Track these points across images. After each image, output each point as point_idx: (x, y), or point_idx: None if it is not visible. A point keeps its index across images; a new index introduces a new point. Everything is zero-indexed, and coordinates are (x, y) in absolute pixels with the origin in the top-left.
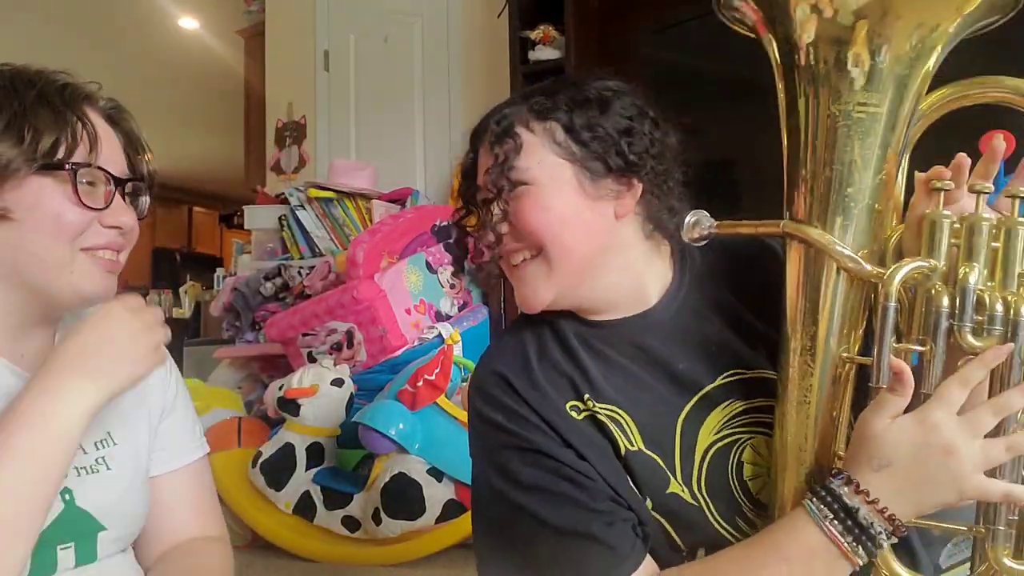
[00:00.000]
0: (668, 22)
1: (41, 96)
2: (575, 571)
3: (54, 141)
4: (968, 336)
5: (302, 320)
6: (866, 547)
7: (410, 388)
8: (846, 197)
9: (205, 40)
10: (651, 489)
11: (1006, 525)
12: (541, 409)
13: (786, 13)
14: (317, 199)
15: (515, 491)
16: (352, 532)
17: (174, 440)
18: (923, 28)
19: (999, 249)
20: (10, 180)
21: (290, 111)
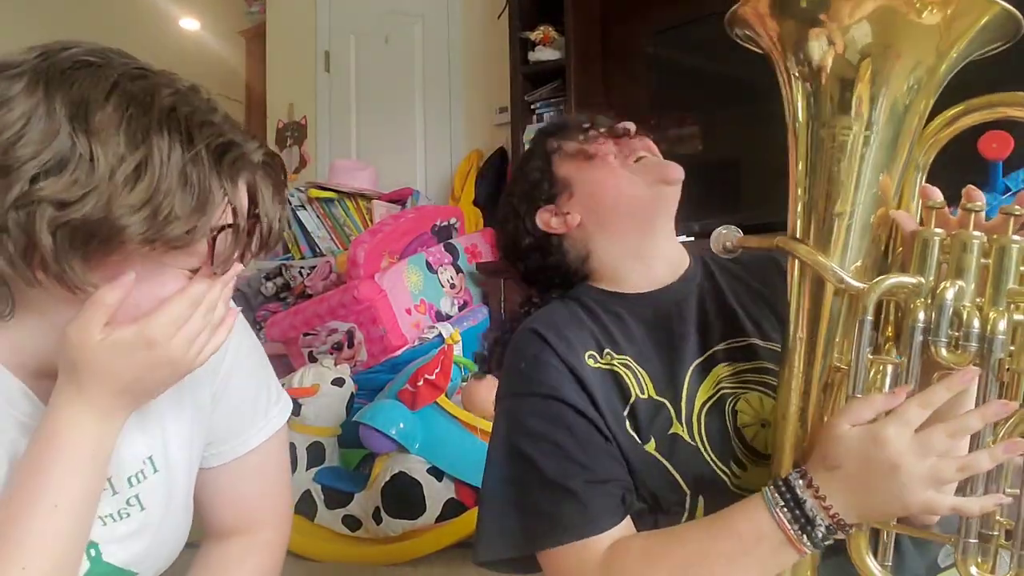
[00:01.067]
0: (668, 23)
1: (196, 160)
2: (550, 521)
3: (189, 230)
4: (942, 351)
5: (303, 320)
6: (811, 536)
7: (410, 388)
8: (837, 215)
9: (206, 41)
10: (656, 430)
11: (977, 538)
12: (565, 355)
13: (797, 45)
14: (318, 199)
15: (520, 436)
16: (353, 531)
17: (228, 429)
18: (922, 64)
19: (990, 266)
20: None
21: (291, 111)
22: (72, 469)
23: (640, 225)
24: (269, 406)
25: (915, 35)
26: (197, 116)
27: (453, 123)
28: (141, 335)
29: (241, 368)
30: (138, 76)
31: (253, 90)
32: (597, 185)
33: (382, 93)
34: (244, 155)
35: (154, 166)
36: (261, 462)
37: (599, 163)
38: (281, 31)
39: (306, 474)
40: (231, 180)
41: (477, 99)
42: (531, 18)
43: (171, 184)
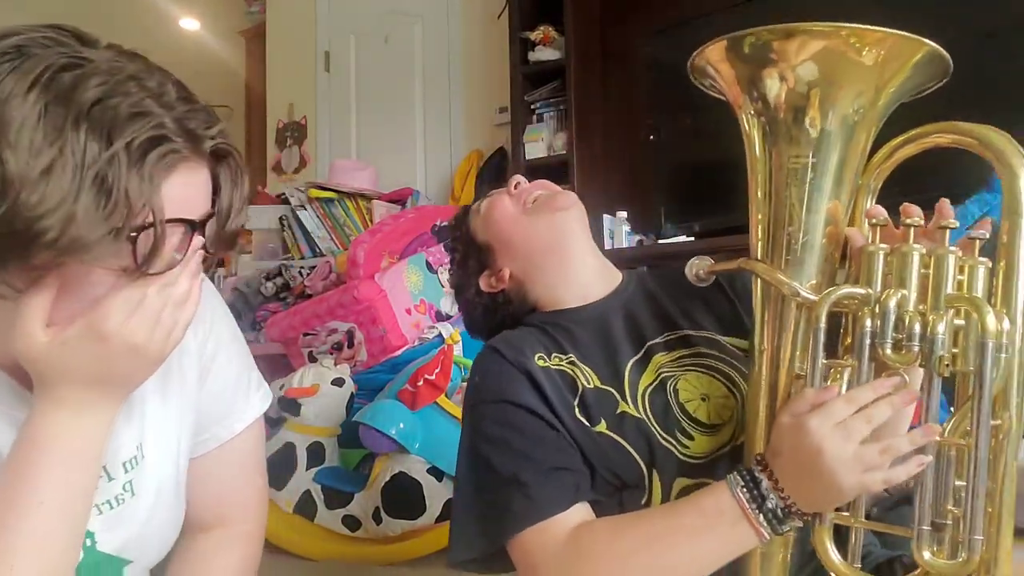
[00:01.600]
0: (668, 23)
1: (112, 161)
2: (504, 514)
3: (108, 233)
4: (888, 351)
5: (303, 320)
6: (766, 516)
7: (410, 388)
8: (791, 236)
9: (206, 40)
10: (605, 412)
11: (929, 525)
12: (515, 359)
13: (749, 85)
14: (318, 199)
15: (479, 440)
16: (353, 531)
17: (207, 418)
18: (861, 98)
19: (930, 275)
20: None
21: (291, 111)
22: (54, 465)
23: (555, 257)
24: (250, 392)
25: (854, 74)
26: (125, 109)
27: (453, 123)
28: (90, 328)
29: (223, 352)
30: (70, 67)
31: (253, 90)
32: (507, 237)
33: (382, 93)
34: (175, 150)
35: (64, 167)
36: (240, 452)
37: (501, 218)
38: (281, 31)
39: (306, 474)
40: (151, 180)
41: (477, 99)
42: (531, 18)
43: (81, 186)
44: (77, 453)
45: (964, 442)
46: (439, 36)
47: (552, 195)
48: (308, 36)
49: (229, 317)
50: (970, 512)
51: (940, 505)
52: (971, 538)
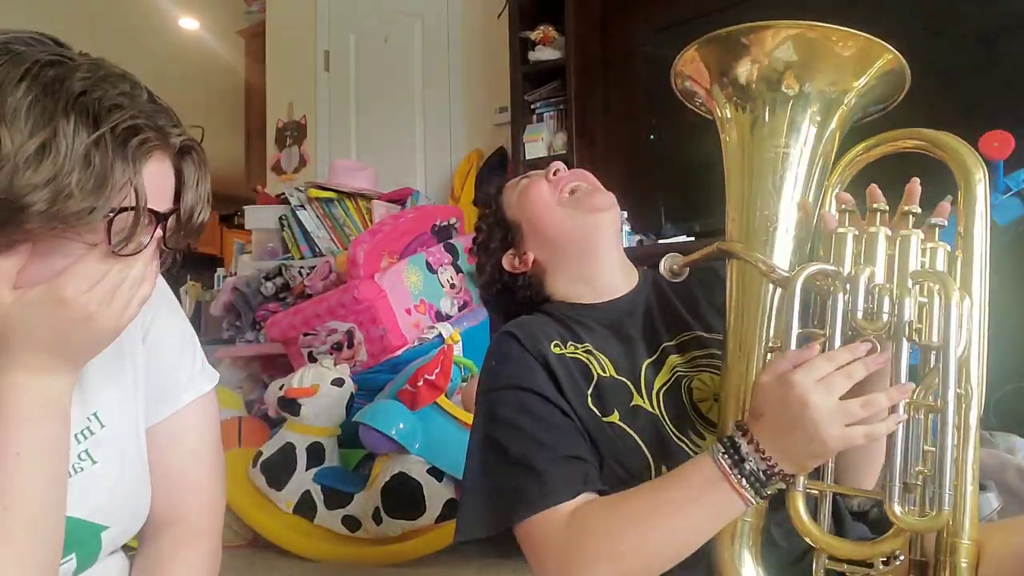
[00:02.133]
0: (668, 23)
1: (99, 143)
2: (515, 497)
3: (87, 209)
4: (860, 318)
5: (303, 320)
6: (748, 480)
7: (410, 388)
8: (764, 219)
9: (205, 40)
10: (619, 403)
11: (901, 483)
12: (531, 346)
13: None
14: (317, 199)
15: (491, 425)
16: (353, 531)
17: (150, 390)
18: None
19: (895, 255)
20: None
21: (290, 111)
22: (24, 418)
23: (582, 253)
24: (192, 373)
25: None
26: (107, 101)
27: (453, 123)
28: (50, 293)
29: (161, 324)
30: (55, 63)
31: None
32: (538, 223)
33: (382, 93)
34: (153, 139)
35: (58, 147)
36: (183, 431)
37: (536, 202)
38: (281, 31)
39: (306, 474)
40: (134, 162)
41: (477, 99)
42: (531, 18)
43: (73, 164)
44: (44, 406)
45: (933, 403)
46: (439, 36)
47: (591, 192)
48: (308, 36)
49: (168, 294)
50: (938, 470)
51: (910, 467)
52: (941, 492)
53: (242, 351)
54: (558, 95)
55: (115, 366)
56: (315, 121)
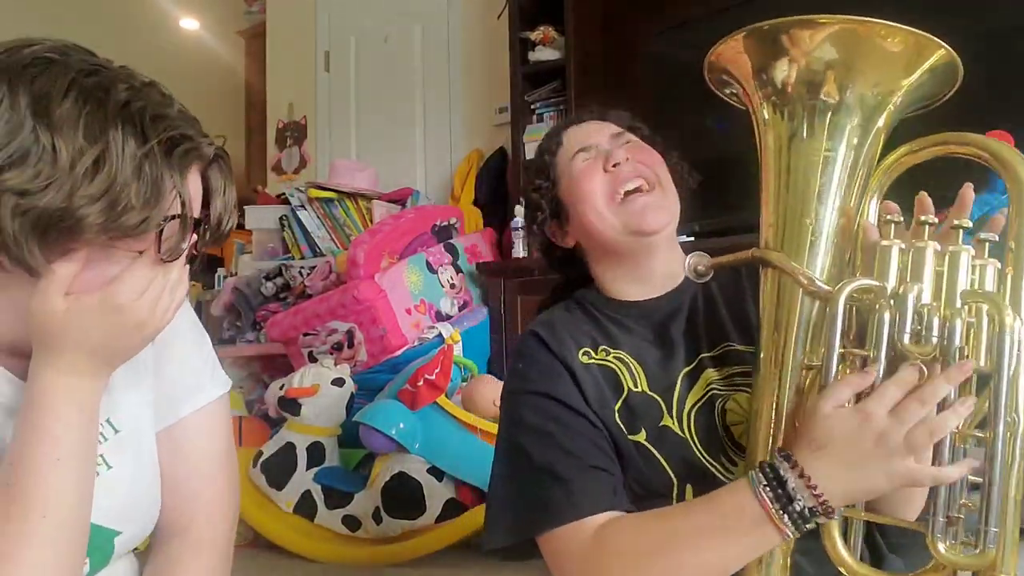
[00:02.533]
0: (669, 22)
1: (149, 154)
2: (541, 506)
3: (143, 220)
4: (907, 342)
5: (303, 320)
6: (791, 516)
7: (410, 388)
8: (806, 227)
9: (205, 40)
10: (647, 422)
11: (945, 518)
12: (558, 351)
13: (761, 70)
14: (318, 199)
15: (516, 430)
16: (353, 531)
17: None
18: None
19: (944, 273)
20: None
21: (291, 111)
22: (64, 425)
23: (627, 260)
24: (201, 377)
25: (871, 66)
26: (150, 110)
27: (453, 123)
28: (106, 300)
29: (175, 330)
30: (93, 72)
31: (253, 90)
32: (585, 221)
33: (382, 93)
34: (194, 148)
35: (111, 159)
36: (195, 439)
37: (586, 199)
38: (281, 31)
39: (306, 474)
40: (180, 172)
41: (477, 99)
42: (531, 18)
43: (127, 176)
44: (80, 411)
45: (983, 434)
46: (439, 36)
47: (645, 209)
48: (308, 36)
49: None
50: (986, 505)
51: (955, 499)
52: (988, 530)
53: (242, 351)
54: (558, 95)
55: (129, 370)
56: (315, 121)
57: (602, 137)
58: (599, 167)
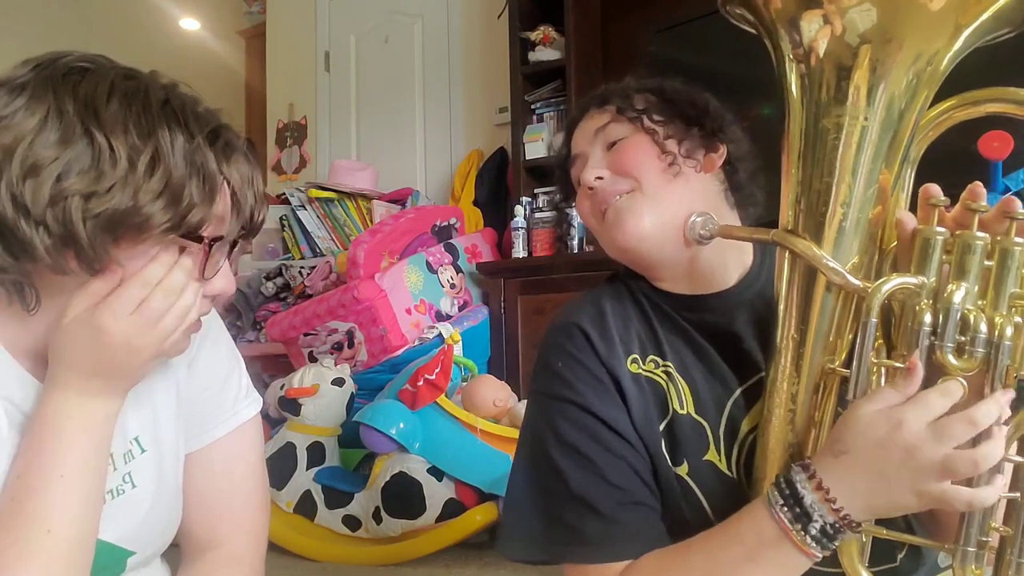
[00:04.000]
0: (669, 23)
1: (198, 149)
2: (575, 537)
3: (203, 217)
4: (949, 356)
5: (303, 320)
6: (814, 537)
7: (410, 387)
8: (837, 210)
9: (206, 40)
10: (690, 452)
11: (976, 546)
12: (606, 358)
13: (791, 26)
14: (318, 199)
15: (551, 441)
16: (353, 531)
17: (193, 416)
18: (923, 57)
19: (992, 268)
20: (139, 238)
21: (291, 111)
22: (66, 444)
23: (643, 267)
24: (237, 399)
25: (923, 16)
26: (188, 108)
27: (453, 123)
28: (89, 320)
29: (208, 352)
30: (129, 76)
31: (253, 90)
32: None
33: (382, 93)
34: (233, 139)
35: (165, 155)
36: (228, 458)
37: (585, 220)
38: (281, 31)
39: (306, 474)
40: (227, 163)
41: (477, 99)
42: (531, 18)
43: (182, 171)
44: (88, 431)
45: (1020, 459)
46: (439, 36)
47: (616, 217)
48: (308, 36)
49: (218, 322)
50: (1020, 533)
51: (986, 522)
52: (1019, 561)
53: (243, 351)
54: (558, 95)
55: (157, 390)
56: (315, 121)
57: (585, 142)
58: (584, 193)
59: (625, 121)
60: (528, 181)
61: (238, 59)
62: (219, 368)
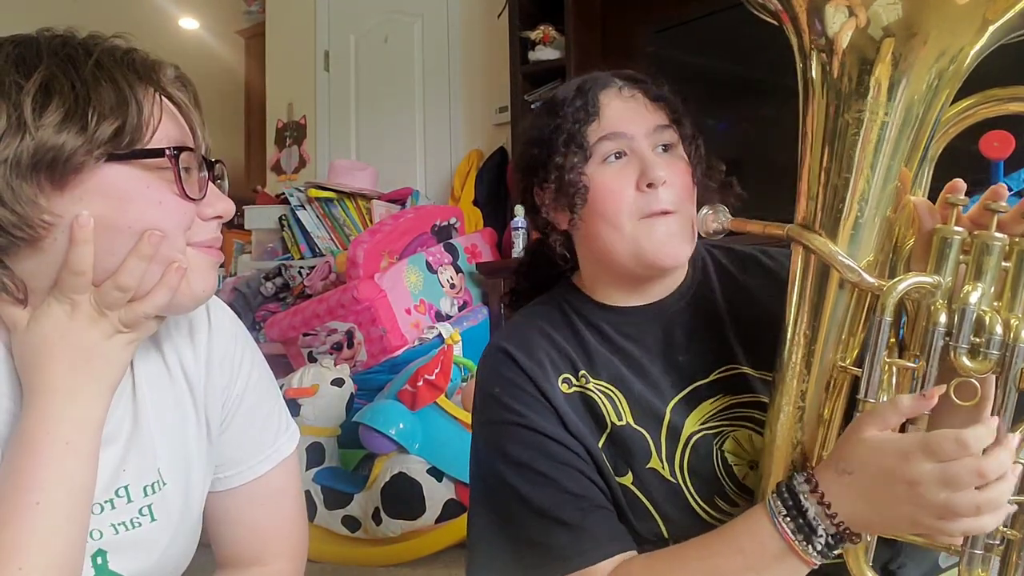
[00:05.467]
0: (669, 22)
1: (100, 65)
2: (544, 552)
3: (121, 125)
4: (964, 358)
5: (302, 320)
6: (816, 548)
7: (410, 388)
8: (854, 206)
9: (205, 40)
10: (633, 462)
11: (983, 549)
12: (538, 380)
13: (814, 16)
14: (317, 199)
15: (502, 464)
16: (352, 532)
17: (235, 454)
18: (947, 53)
19: (1010, 270)
20: (79, 175)
21: (290, 111)
22: (48, 462)
23: (624, 277)
24: (278, 434)
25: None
26: (90, 42)
27: (453, 123)
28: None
29: (252, 393)
30: (27, 39)
31: (252, 90)
32: (599, 232)
33: (382, 93)
34: (157, 64)
35: (59, 81)
36: (272, 491)
37: (612, 217)
38: (281, 31)
39: (306, 474)
40: (150, 76)
41: (477, 99)
42: (531, 18)
43: (85, 90)
44: (70, 444)
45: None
46: (439, 36)
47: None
48: (308, 36)
49: (259, 356)
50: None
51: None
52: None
53: None
54: None
55: (194, 422)
56: (315, 121)
57: (640, 129)
58: (631, 180)
59: (677, 134)
60: None
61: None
62: (257, 416)
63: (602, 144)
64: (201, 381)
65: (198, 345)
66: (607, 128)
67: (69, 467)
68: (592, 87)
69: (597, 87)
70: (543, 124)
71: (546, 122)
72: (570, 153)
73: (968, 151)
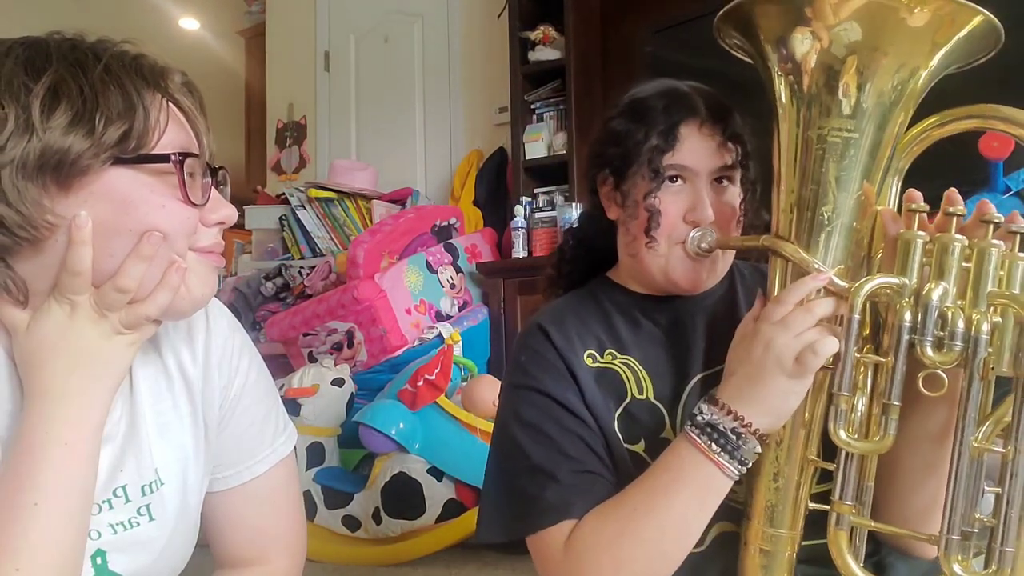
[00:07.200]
0: (669, 22)
1: (109, 69)
2: (534, 505)
3: (125, 130)
4: (928, 350)
5: (303, 320)
6: (720, 444)
7: (410, 388)
8: (822, 216)
9: (206, 40)
10: (647, 432)
11: (960, 535)
12: (563, 350)
13: (781, 39)
14: (317, 199)
15: (514, 425)
16: (352, 531)
17: (233, 454)
18: (905, 68)
19: (970, 269)
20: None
21: (290, 111)
22: (43, 464)
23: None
24: (276, 435)
25: (901, 37)
26: (100, 47)
27: (453, 123)
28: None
29: (249, 393)
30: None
31: (253, 90)
32: (639, 233)
33: (382, 93)
34: (166, 70)
35: (68, 84)
36: (270, 490)
37: (661, 223)
38: (281, 31)
39: (306, 474)
40: (158, 82)
41: (477, 99)
42: (531, 18)
43: (93, 94)
44: (68, 447)
45: (1003, 449)
46: (439, 36)
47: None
48: (308, 36)
49: (257, 358)
50: (1004, 522)
51: (969, 513)
52: (1003, 549)
53: None
54: (558, 95)
55: (192, 422)
56: (315, 121)
57: (706, 167)
58: (682, 208)
59: (738, 174)
60: (528, 181)
61: (238, 59)
62: (254, 416)
63: (668, 170)
64: (199, 382)
65: (196, 346)
66: (678, 160)
67: (68, 469)
68: (678, 113)
69: (682, 115)
70: (624, 128)
71: (627, 127)
72: (641, 175)
73: (969, 152)
